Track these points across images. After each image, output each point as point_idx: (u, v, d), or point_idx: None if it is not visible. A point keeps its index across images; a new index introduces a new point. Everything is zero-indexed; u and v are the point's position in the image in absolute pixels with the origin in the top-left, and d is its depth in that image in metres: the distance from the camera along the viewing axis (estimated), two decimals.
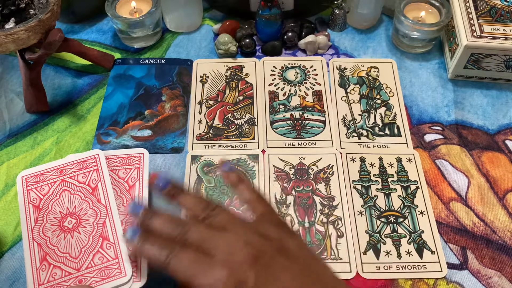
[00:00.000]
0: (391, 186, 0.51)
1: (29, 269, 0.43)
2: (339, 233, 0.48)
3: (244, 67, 0.62)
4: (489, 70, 0.58)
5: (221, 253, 0.35)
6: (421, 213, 0.50)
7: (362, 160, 0.53)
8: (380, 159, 0.53)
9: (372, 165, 0.53)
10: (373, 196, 0.51)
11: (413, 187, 0.51)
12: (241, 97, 0.59)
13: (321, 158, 0.54)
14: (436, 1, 0.62)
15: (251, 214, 0.40)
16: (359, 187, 0.51)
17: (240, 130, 0.56)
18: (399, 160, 0.53)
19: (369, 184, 0.52)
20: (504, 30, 0.56)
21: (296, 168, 0.53)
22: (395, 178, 0.52)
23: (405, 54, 0.63)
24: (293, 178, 0.52)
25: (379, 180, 0.52)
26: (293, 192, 0.51)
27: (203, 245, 0.36)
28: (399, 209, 0.50)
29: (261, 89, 0.60)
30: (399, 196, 0.51)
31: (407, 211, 0.50)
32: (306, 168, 0.53)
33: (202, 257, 0.35)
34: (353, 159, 0.53)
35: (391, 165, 0.53)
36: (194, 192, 0.51)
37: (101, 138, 0.56)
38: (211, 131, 0.56)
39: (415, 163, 0.53)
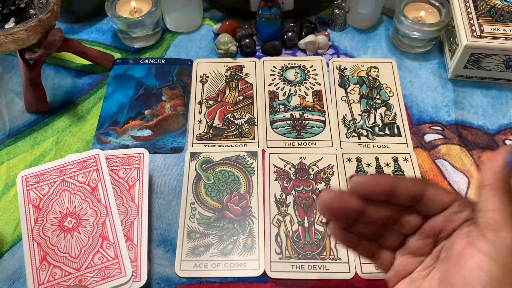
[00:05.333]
0: None
1: (29, 269, 0.43)
2: None
3: (244, 67, 0.62)
4: (489, 70, 0.58)
5: None
6: None
7: (359, 160, 0.53)
8: (377, 158, 0.53)
9: (368, 165, 0.53)
10: None
11: None
12: (241, 97, 0.59)
13: (321, 158, 0.54)
14: (436, 1, 0.62)
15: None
16: None
17: (240, 130, 0.56)
18: (395, 160, 0.53)
19: None
20: (504, 30, 0.56)
21: (296, 167, 0.53)
22: None
23: (405, 54, 0.63)
24: (293, 177, 0.52)
25: None
26: (293, 191, 0.51)
27: None
28: None
29: (261, 89, 0.60)
30: None
31: None
32: (307, 168, 0.53)
33: None
34: (349, 159, 0.53)
35: (387, 164, 0.53)
36: None
37: (101, 138, 0.56)
38: (211, 131, 0.56)
39: (411, 163, 0.53)
